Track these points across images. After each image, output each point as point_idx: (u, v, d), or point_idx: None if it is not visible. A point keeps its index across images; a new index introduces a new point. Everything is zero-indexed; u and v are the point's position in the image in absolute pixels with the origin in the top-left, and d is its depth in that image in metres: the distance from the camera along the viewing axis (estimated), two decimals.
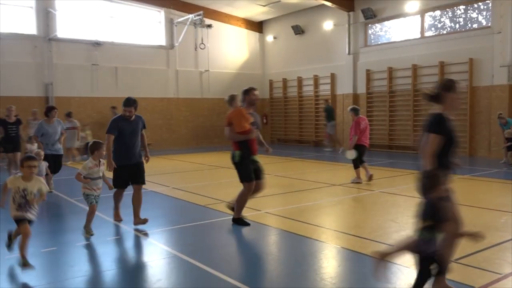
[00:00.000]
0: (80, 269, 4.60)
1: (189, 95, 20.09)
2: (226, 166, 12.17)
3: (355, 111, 9.88)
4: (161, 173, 11.66)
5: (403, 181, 10.03)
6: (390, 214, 6.78)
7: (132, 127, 6.02)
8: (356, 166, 9.86)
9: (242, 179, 6.05)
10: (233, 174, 6.84)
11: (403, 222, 6.22)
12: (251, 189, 6.06)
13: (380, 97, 17.39)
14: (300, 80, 20.54)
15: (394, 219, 6.41)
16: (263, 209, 7.17)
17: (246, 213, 6.84)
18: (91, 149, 5.59)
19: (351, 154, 9.75)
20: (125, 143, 5.98)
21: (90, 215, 5.63)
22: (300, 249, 5.15)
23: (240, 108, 6.03)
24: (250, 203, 7.57)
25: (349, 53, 18.19)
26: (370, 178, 9.68)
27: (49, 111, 8.65)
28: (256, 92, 6.08)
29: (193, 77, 20.26)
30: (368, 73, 17.59)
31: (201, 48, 20.07)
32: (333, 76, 18.97)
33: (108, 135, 5.89)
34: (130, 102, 5.95)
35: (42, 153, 7.98)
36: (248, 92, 6.07)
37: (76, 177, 5.51)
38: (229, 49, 21.21)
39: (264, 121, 22.47)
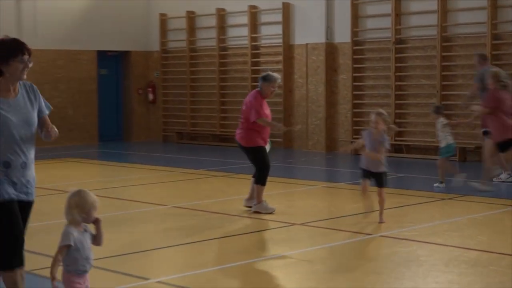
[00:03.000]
0: None
1: None
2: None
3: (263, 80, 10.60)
4: None
5: (422, 214, 10.37)
6: (403, 279, 6.92)
7: None
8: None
9: None
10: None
11: None
12: None
13: (381, 51, 17.87)
14: (222, 17, 20.62)
15: None
16: (153, 276, 7.14)
17: (122, 283, 6.68)
18: None
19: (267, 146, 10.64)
20: None
21: None
22: None
23: None
24: (128, 265, 7.46)
25: None
26: (247, 203, 10.52)
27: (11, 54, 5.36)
28: None
29: (2, 9, 19.60)
30: (356, 3, 18.01)
31: None
32: (287, 10, 19.24)
33: None
34: None
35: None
36: None
37: None
38: None
39: (150, 97, 22.33)
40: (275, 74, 10.60)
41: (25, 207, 5.45)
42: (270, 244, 8.82)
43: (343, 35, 18.20)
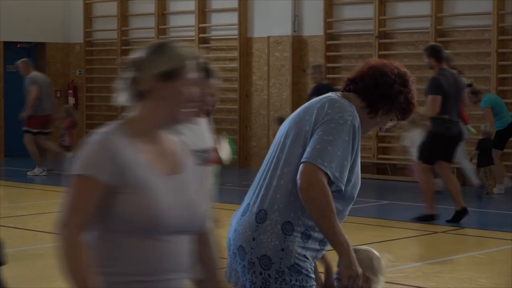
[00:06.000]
0: None
1: None
2: None
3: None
4: None
5: (409, 250, 10.48)
6: None
7: None
8: None
9: None
10: None
11: None
12: None
13: (361, 47, 18.01)
14: (162, 1, 20.65)
15: None
16: None
17: None
18: None
19: None
20: None
21: None
22: None
23: None
24: None
25: None
26: None
27: None
28: None
29: None
30: None
31: None
32: None
33: None
34: None
35: None
36: None
37: None
38: None
39: (71, 102, 22.17)
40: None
41: None
42: None
43: (314, 26, 18.29)
